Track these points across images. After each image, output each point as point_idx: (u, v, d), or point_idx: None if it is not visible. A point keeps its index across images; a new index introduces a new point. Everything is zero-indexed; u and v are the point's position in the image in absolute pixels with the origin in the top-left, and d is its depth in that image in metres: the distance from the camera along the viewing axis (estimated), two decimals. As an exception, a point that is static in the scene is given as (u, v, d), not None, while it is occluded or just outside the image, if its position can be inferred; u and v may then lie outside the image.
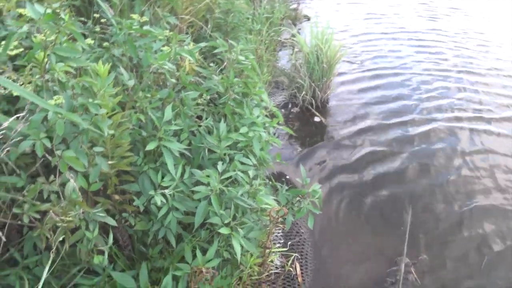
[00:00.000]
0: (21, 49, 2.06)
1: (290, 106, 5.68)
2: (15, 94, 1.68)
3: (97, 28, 2.89)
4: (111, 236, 2.09)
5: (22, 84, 1.79)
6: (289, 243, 3.54)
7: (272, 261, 3.14)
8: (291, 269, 3.11)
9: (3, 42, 2.02)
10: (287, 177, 4.34)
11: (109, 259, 2.24)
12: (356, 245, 3.63)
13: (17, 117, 1.61)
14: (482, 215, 4.00)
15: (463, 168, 4.63)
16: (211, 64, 3.26)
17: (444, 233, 3.78)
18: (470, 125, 5.42)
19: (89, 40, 2.34)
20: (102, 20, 3.00)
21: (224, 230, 2.27)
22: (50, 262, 1.68)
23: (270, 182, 3.10)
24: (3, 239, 1.65)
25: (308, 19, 8.70)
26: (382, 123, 5.39)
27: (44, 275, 1.58)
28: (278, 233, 3.66)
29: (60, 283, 2.30)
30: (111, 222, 2.02)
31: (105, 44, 2.51)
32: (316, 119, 5.42)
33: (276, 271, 3.20)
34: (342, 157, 4.74)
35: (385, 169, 4.56)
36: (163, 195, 2.28)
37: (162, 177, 2.34)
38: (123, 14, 3.32)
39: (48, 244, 2.18)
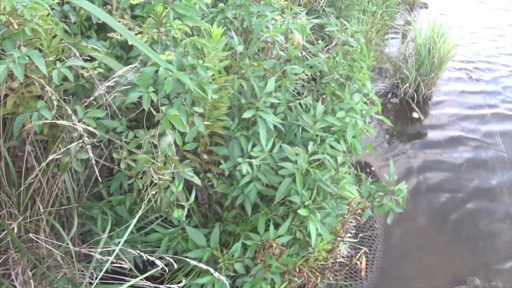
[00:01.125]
0: (142, 0, 2.11)
1: (390, 95, 5.47)
2: (130, 43, 1.73)
3: (215, -14, 2.91)
4: (193, 194, 2.15)
5: (138, 34, 1.85)
6: (360, 235, 3.47)
7: (340, 250, 3.09)
8: (357, 262, 3.05)
9: (127, -11, 2.09)
10: (372, 169, 4.21)
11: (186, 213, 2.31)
12: (429, 252, 3.47)
13: (130, 67, 1.66)
14: None
15: None
16: (319, 42, 3.18)
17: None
18: None
19: (206, -1, 2.36)
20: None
21: (302, 212, 2.26)
22: (139, 213, 1.74)
23: (355, 171, 3.02)
24: (97, 172, 1.73)
25: (426, 7, 8.25)
26: (483, 132, 5.04)
27: (133, 224, 1.64)
28: (351, 222, 3.58)
29: (138, 225, 2.41)
30: (197, 181, 2.07)
31: (220, 5, 2.52)
32: (415, 115, 5.19)
33: (341, 260, 3.16)
34: (433, 159, 4.51)
35: (475, 182, 4.27)
36: (250, 164, 2.29)
37: (252, 146, 2.35)
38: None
39: (133, 187, 2.29)
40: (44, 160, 1.80)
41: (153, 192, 1.83)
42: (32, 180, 1.89)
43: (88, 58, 1.88)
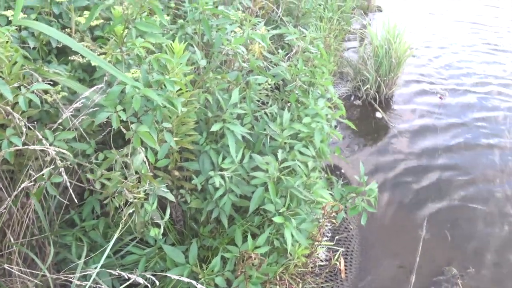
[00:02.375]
0: (101, 20, 2.10)
1: (352, 98, 5.58)
2: (93, 64, 1.72)
3: (172, 4, 2.92)
4: (168, 211, 2.13)
5: (101, 54, 1.84)
6: (336, 237, 3.51)
7: (318, 254, 3.12)
8: (336, 262, 3.08)
9: (85, 12, 2.08)
10: (342, 171, 4.28)
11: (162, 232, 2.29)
12: (405, 248, 3.54)
13: (96, 88, 1.65)
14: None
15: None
16: (280, 51, 3.23)
17: (498, 246, 3.64)
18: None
19: (165, 16, 2.37)
20: (178, -4, 3.03)
21: (278, 219, 2.27)
22: (116, 235, 1.72)
23: (326, 175, 3.06)
24: (72, 194, 1.71)
25: (380, 10, 8.48)
26: (444, 127, 5.21)
27: (109, 248, 1.62)
28: (326, 225, 3.63)
29: (113, 248, 2.38)
30: (171, 197, 2.06)
31: (180, 21, 2.54)
32: (378, 114, 5.30)
33: (321, 264, 3.19)
34: (400, 157, 4.62)
35: (443, 175, 4.40)
36: (222, 176, 2.30)
37: (223, 159, 2.36)
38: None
39: (105, 211, 2.27)
40: (12, 191, 1.77)
41: (130, 211, 1.80)
42: (2, 212, 1.84)
43: (51, 82, 1.86)
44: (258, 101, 2.86)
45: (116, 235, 1.73)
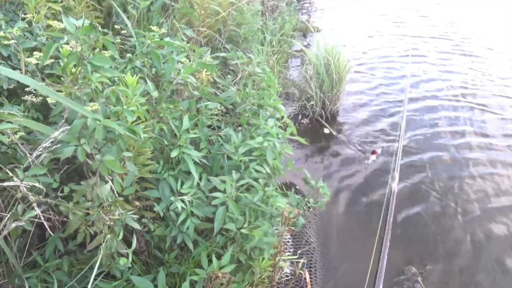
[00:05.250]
0: (52, 60, 2.14)
1: (300, 117, 5.75)
2: (50, 101, 1.75)
3: (118, 39, 2.98)
4: (134, 239, 2.16)
5: (58, 91, 1.87)
6: (298, 251, 3.59)
7: (282, 268, 3.19)
8: (301, 272, 3.16)
9: (34, 52, 2.11)
10: (297, 187, 4.40)
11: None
12: (364, 254, 3.65)
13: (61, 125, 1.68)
14: (494, 223, 4.09)
15: (473, 176, 4.77)
16: (228, 76, 3.34)
17: (452, 242, 3.83)
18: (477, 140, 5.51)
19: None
20: (123, 32, 3.09)
21: (245, 230, 2.35)
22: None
23: (281, 191, 3.16)
24: (50, 232, 1.71)
25: (319, 31, 8.80)
26: (389, 137, 5.47)
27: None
28: (288, 242, 3.71)
29: (79, 286, 2.36)
30: (136, 226, 2.08)
31: (129, 55, 2.60)
32: (326, 130, 5.49)
33: (286, 278, 3.25)
34: (350, 169, 4.81)
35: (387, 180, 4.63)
36: (183, 201, 2.34)
37: (181, 184, 2.41)
38: (139, 25, 3.42)
39: (67, 249, 2.25)
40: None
41: (96, 244, 1.81)
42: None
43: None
44: (210, 126, 2.94)
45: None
